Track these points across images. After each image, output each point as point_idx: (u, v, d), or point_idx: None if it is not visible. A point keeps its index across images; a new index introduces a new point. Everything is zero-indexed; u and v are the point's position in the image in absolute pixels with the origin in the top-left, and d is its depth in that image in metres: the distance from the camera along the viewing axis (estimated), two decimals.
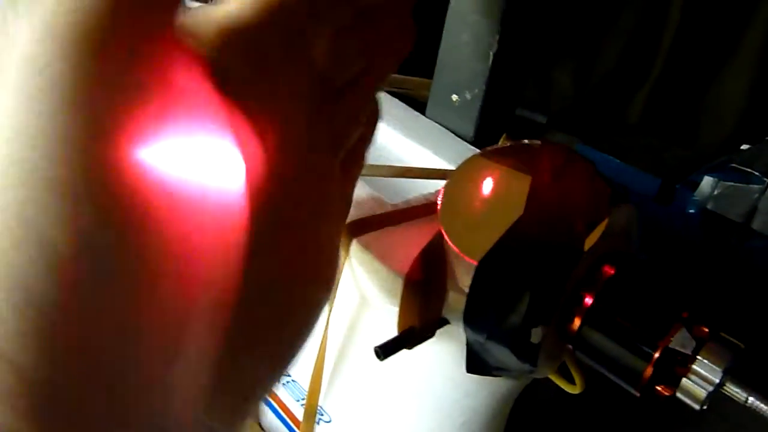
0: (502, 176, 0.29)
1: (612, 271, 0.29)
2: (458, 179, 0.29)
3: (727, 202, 0.49)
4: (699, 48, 0.62)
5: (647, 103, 0.67)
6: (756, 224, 0.49)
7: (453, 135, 0.51)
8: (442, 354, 0.37)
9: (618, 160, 0.58)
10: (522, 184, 0.28)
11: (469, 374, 0.32)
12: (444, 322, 0.33)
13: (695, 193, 0.51)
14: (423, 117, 0.54)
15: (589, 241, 0.28)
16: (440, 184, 0.31)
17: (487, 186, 0.28)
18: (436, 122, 0.53)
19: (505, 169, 0.29)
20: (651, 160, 0.60)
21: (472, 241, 0.27)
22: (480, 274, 0.27)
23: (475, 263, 0.26)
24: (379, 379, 0.42)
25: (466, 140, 0.51)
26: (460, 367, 0.32)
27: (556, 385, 0.35)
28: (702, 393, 0.26)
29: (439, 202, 0.29)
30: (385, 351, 0.29)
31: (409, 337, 0.30)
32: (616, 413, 0.51)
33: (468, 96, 0.50)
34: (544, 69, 0.69)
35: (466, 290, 0.28)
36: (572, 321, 0.28)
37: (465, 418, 0.39)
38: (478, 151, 0.30)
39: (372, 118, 0.20)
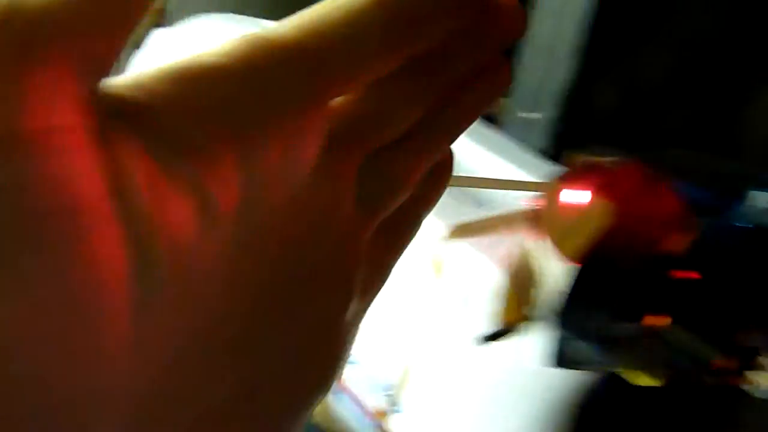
0: (594, 191, 0.33)
1: (691, 276, 0.32)
2: (556, 192, 0.33)
3: None
4: (743, 62, 0.64)
5: (693, 116, 0.69)
6: None
7: (526, 149, 0.55)
8: (523, 347, 0.41)
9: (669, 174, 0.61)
10: (609, 199, 0.32)
11: (549, 368, 0.36)
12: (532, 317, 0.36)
13: (748, 208, 0.54)
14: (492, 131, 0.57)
15: (669, 248, 0.31)
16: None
17: (583, 198, 0.32)
18: (507, 135, 0.56)
19: (596, 185, 0.33)
20: (701, 173, 0.63)
21: (572, 246, 0.31)
22: (580, 275, 0.30)
23: (578, 265, 0.30)
24: (457, 373, 0.46)
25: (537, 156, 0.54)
26: (541, 361, 0.35)
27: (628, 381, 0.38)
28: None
29: (538, 211, 0.33)
30: (488, 340, 0.33)
31: (510, 329, 0.34)
32: (688, 409, 0.54)
33: (537, 114, 0.54)
34: (590, 83, 0.72)
35: (557, 289, 0.32)
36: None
37: (542, 412, 0.42)
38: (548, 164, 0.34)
39: (439, 176, 0.14)
